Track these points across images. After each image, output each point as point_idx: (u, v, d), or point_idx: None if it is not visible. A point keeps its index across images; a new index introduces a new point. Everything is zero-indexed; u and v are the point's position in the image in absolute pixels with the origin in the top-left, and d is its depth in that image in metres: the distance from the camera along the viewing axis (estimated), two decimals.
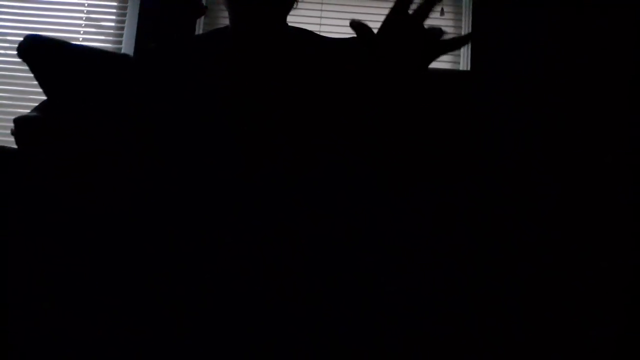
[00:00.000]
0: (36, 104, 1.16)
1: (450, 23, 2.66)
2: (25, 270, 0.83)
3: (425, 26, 0.78)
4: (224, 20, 2.63)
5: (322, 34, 1.14)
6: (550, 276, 1.66)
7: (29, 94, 2.54)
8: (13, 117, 1.10)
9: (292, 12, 1.11)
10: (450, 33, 2.69)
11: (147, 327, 0.79)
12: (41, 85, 1.15)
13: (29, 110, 1.13)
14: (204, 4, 2.60)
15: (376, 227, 0.82)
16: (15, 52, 1.21)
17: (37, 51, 1.17)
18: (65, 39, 2.63)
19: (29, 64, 1.17)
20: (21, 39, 1.25)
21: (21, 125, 1.00)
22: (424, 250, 0.85)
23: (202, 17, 2.59)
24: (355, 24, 0.77)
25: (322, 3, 2.69)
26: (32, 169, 0.87)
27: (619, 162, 2.29)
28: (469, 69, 2.54)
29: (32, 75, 1.19)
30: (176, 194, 0.84)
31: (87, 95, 1.04)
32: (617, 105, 2.39)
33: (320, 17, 2.66)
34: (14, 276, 0.83)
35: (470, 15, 2.60)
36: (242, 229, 0.81)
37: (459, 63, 2.63)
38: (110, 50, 2.64)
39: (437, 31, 0.78)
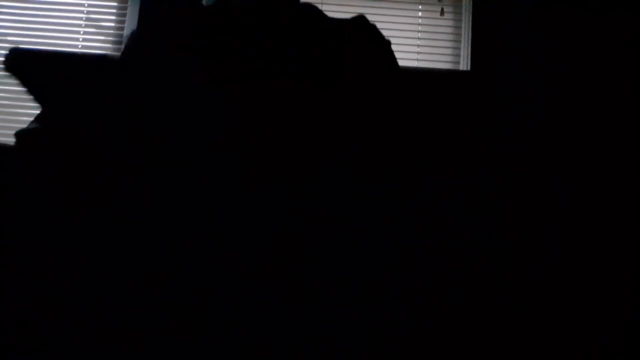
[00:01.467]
0: (35, 104, 1.15)
1: (450, 23, 2.66)
2: (26, 271, 0.83)
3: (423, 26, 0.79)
4: None
5: None
6: (554, 276, 1.66)
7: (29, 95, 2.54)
8: (13, 117, 1.10)
9: None
10: (449, 34, 2.70)
11: (148, 328, 0.79)
12: (34, 96, 1.15)
13: (28, 111, 1.12)
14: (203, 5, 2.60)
15: (381, 228, 0.82)
16: None
17: (23, 63, 1.17)
18: (65, 39, 2.64)
19: (18, 78, 1.17)
20: (21, 39, 1.25)
21: (22, 138, 1.00)
22: (427, 251, 0.85)
23: None
24: None
25: (322, 3, 2.69)
26: (34, 175, 0.87)
27: (621, 162, 2.29)
28: (468, 69, 2.54)
29: None
30: (179, 195, 0.84)
31: (80, 101, 1.04)
32: (616, 105, 2.39)
33: None
34: (14, 276, 0.83)
35: (471, 15, 2.60)
36: (246, 231, 0.81)
37: (458, 63, 2.63)
38: (110, 50, 2.65)
39: None
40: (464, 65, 2.59)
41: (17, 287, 0.83)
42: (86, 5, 2.71)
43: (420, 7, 2.65)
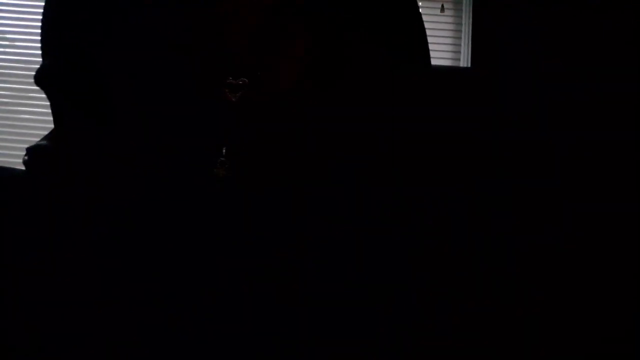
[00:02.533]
0: (36, 103, 1.14)
1: (450, 20, 2.66)
2: (27, 273, 0.83)
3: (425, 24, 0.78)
4: None
5: None
6: (554, 276, 1.66)
7: (29, 93, 2.54)
8: (14, 117, 1.08)
9: None
10: (449, 30, 2.69)
11: (148, 330, 0.80)
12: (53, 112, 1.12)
13: (29, 109, 1.11)
14: None
15: (383, 229, 0.82)
16: (16, 51, 1.19)
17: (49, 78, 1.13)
18: None
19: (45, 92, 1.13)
20: (20, 37, 1.24)
21: (33, 154, 0.99)
22: (428, 252, 0.85)
23: None
24: None
25: None
26: (41, 190, 0.87)
27: (622, 161, 2.29)
28: (469, 66, 2.54)
29: (31, 74, 1.18)
30: (181, 197, 0.84)
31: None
32: (617, 103, 2.39)
33: None
34: (15, 277, 0.84)
35: (471, 11, 2.59)
36: (245, 232, 0.81)
37: (459, 60, 2.63)
38: None
39: None
40: (465, 62, 2.59)
41: (18, 287, 0.84)
42: None
43: (420, 3, 2.64)
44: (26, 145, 1.01)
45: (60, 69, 0.98)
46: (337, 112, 0.84)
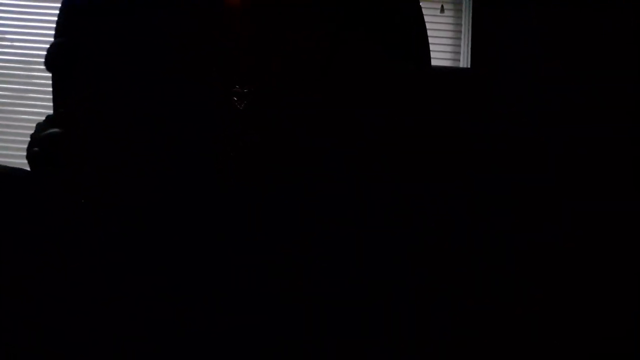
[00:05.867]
0: (35, 104, 1.12)
1: (450, 20, 2.66)
2: (29, 275, 0.83)
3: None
4: None
5: None
6: (555, 277, 1.66)
7: (29, 93, 2.53)
8: (13, 117, 1.07)
9: None
10: (449, 31, 2.69)
11: (149, 330, 0.80)
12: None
13: (28, 109, 1.09)
14: None
15: (381, 227, 0.82)
16: (15, 51, 1.17)
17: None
18: None
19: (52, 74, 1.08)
20: (20, 37, 1.23)
21: (47, 143, 0.93)
22: (428, 251, 0.85)
23: None
24: None
25: None
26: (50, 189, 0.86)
27: (622, 160, 2.28)
28: (469, 66, 2.54)
29: (31, 74, 1.17)
30: (182, 197, 0.84)
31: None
32: (617, 105, 2.39)
33: None
34: (16, 279, 0.84)
35: (471, 12, 2.59)
36: (245, 231, 0.81)
37: (459, 60, 2.63)
38: None
39: None
40: (464, 62, 2.59)
41: (19, 289, 0.84)
42: None
43: (420, 4, 2.64)
44: (25, 145, 0.99)
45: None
46: (336, 110, 0.84)
